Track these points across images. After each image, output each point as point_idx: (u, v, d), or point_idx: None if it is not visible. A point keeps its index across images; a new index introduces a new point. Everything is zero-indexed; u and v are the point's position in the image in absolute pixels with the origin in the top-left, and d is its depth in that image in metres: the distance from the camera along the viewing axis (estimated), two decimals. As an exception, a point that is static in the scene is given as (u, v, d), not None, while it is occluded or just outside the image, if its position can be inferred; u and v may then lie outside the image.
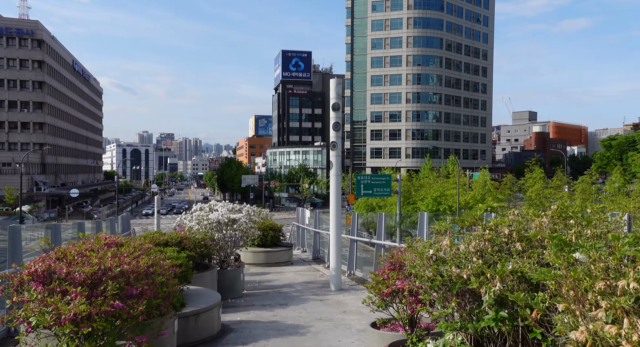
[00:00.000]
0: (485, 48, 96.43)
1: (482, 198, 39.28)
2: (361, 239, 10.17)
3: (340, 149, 8.25)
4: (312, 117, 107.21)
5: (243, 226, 7.96)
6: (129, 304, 2.87)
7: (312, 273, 10.70)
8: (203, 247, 7.04)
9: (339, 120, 8.18)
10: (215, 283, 7.10)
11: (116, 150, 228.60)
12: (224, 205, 8.40)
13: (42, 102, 76.92)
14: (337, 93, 8.11)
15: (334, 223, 8.13)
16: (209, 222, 7.68)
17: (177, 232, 7.29)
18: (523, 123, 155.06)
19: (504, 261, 2.20)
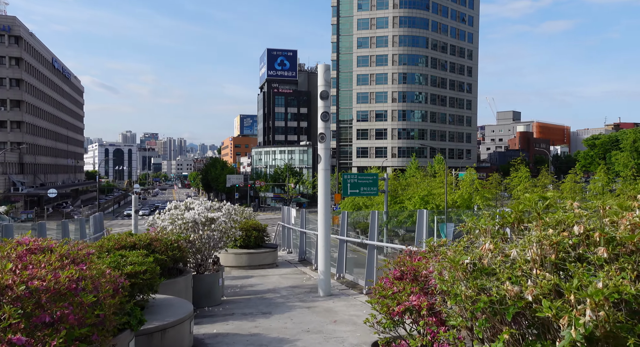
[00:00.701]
0: (471, 48, 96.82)
1: (470, 197, 38.99)
2: (351, 239, 9.48)
3: (330, 141, 7.54)
4: (298, 116, 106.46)
5: (222, 225, 7.19)
6: (38, 337, 2.04)
7: (298, 276, 9.96)
8: (176, 249, 6.25)
9: (328, 110, 7.47)
10: (189, 290, 6.32)
11: (98, 150, 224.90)
12: (201, 203, 7.62)
13: (19, 100, 74.83)
14: (325, 80, 7.41)
15: (323, 222, 7.41)
16: (184, 221, 6.90)
17: (147, 234, 6.50)
18: (507, 123, 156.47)
19: (585, 275, 1.48)
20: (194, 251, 7.19)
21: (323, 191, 7.54)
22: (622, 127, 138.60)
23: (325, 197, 7.57)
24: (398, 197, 44.28)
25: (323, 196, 7.55)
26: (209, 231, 7.03)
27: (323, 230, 7.58)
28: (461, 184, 41.77)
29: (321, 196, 7.57)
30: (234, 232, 7.74)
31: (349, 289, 8.19)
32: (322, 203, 7.57)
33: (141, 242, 6.11)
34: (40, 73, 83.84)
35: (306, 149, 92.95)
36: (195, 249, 7.15)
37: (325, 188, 7.56)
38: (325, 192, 7.56)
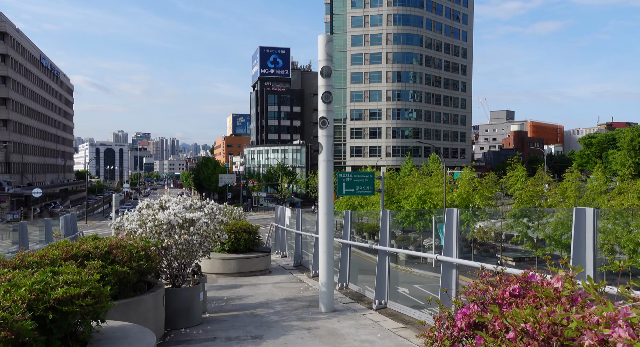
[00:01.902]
0: (465, 46, 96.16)
1: (468, 196, 37.94)
2: (357, 243, 8.23)
3: (332, 127, 6.31)
4: (291, 115, 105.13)
5: (203, 228, 5.92)
6: None
7: (294, 285, 8.69)
8: (143, 259, 4.97)
9: (330, 90, 6.23)
10: (160, 310, 5.06)
11: (89, 149, 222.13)
12: (179, 201, 6.35)
13: (6, 98, 72.88)
14: (327, 54, 6.17)
15: (325, 223, 6.18)
16: (156, 223, 5.63)
17: (106, 239, 5.22)
18: (501, 122, 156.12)
19: None
20: (169, 260, 5.91)
21: (325, 186, 6.31)
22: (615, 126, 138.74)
23: (327, 194, 6.34)
24: (394, 197, 43.17)
25: (325, 192, 6.32)
26: (186, 235, 5.76)
27: (325, 233, 6.34)
28: (459, 183, 40.77)
29: (323, 192, 6.34)
30: (219, 235, 6.47)
31: (354, 302, 6.95)
32: (324, 201, 6.33)
33: (98, 250, 4.82)
34: (28, 70, 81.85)
35: (299, 148, 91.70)
36: (170, 257, 5.87)
37: (327, 183, 6.34)
38: (327, 188, 6.34)
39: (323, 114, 6.28)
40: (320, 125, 6.33)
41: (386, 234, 6.43)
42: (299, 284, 8.89)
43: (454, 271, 4.68)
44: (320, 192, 6.41)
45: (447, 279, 4.72)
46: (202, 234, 5.93)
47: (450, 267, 4.73)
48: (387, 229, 6.43)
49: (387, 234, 6.41)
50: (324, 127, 6.30)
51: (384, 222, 6.51)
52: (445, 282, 4.69)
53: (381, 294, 6.40)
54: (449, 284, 4.61)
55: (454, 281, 4.64)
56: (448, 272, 4.72)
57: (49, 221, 8.98)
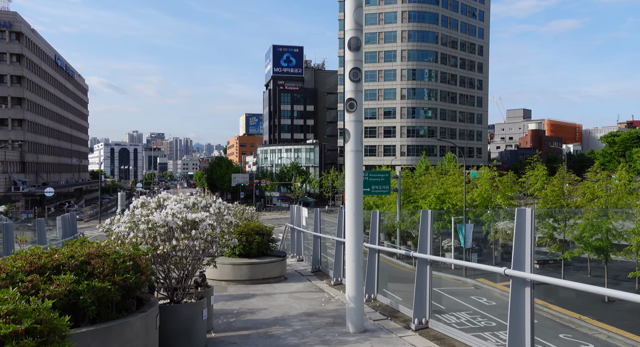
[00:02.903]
0: (481, 43, 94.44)
1: (489, 196, 36.55)
2: (389, 249, 7.13)
3: (362, 111, 5.22)
4: (304, 114, 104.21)
5: (208, 231, 4.89)
6: None
7: (314, 296, 7.63)
8: (130, 271, 3.95)
9: (360, 66, 5.17)
10: (152, 334, 4.03)
11: (104, 149, 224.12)
12: (179, 199, 5.34)
13: (21, 98, 73.20)
14: (356, 22, 5.10)
15: (353, 225, 5.09)
16: (150, 226, 4.62)
17: (89, 245, 4.22)
18: (517, 121, 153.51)
19: None
20: (165, 270, 4.90)
21: (353, 181, 5.23)
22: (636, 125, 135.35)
23: (355, 190, 5.27)
24: (411, 196, 41.93)
25: (353, 188, 5.24)
26: (187, 240, 4.73)
27: (354, 237, 5.26)
28: (479, 182, 39.43)
29: (351, 188, 5.27)
30: (227, 239, 5.44)
31: (386, 319, 5.86)
32: (353, 199, 5.25)
33: (72, 260, 3.81)
34: (43, 70, 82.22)
35: (313, 148, 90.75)
36: (167, 267, 4.85)
37: (356, 177, 5.27)
38: (355, 183, 5.27)
39: (351, 95, 5.22)
40: (348, 108, 5.27)
41: (427, 238, 5.33)
42: (319, 294, 7.83)
43: (529, 291, 3.50)
44: (348, 189, 5.35)
45: (518, 300, 3.54)
46: (207, 238, 4.90)
47: (522, 286, 3.54)
48: (428, 233, 5.34)
49: (427, 239, 5.32)
50: (352, 111, 5.24)
51: (424, 224, 5.40)
52: (516, 305, 3.52)
53: (421, 311, 5.31)
54: (521, 308, 3.47)
55: (528, 302, 3.49)
56: (519, 291, 3.56)
57: (42, 222, 8.03)
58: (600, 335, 16.57)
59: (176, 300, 4.99)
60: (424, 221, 5.43)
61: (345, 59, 5.32)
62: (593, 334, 17.22)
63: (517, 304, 3.58)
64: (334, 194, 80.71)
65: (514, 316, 3.55)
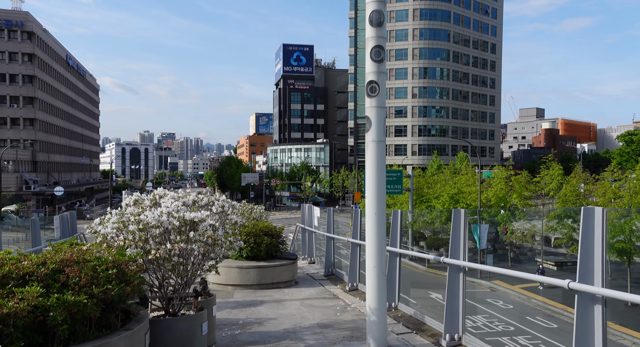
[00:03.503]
0: (494, 41, 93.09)
1: (505, 196, 35.61)
2: (414, 253, 6.43)
3: (384, 96, 4.52)
4: (315, 113, 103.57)
5: (209, 233, 4.24)
6: None
7: (328, 303, 6.95)
8: (112, 281, 3.30)
9: (383, 44, 4.46)
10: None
11: (115, 149, 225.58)
12: (177, 196, 4.71)
13: (32, 97, 73.51)
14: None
15: (375, 227, 4.45)
16: (142, 227, 3.98)
17: (68, 249, 3.59)
18: (530, 120, 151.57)
19: None
20: (159, 278, 4.25)
21: (375, 177, 4.53)
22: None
23: (377, 187, 4.57)
24: (424, 196, 41.10)
25: (375, 184, 4.54)
26: (183, 243, 4.08)
27: (375, 240, 4.56)
28: (493, 181, 38.53)
29: (372, 185, 4.57)
30: (232, 242, 4.78)
31: (411, 332, 5.16)
32: (374, 196, 4.55)
33: (43, 268, 3.18)
34: (54, 70, 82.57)
35: (323, 147, 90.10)
36: (161, 275, 4.21)
37: (378, 172, 4.58)
38: (377, 179, 4.57)
39: (372, 77, 4.53)
40: (369, 92, 4.59)
41: (460, 242, 4.62)
42: (333, 301, 7.15)
43: (599, 310, 2.76)
44: (369, 185, 4.66)
45: (586, 322, 2.80)
46: (207, 241, 4.25)
47: (591, 303, 2.82)
48: (461, 236, 4.63)
49: (461, 243, 4.61)
50: (374, 95, 4.55)
51: (456, 226, 4.68)
52: (583, 329, 2.78)
53: (454, 325, 4.61)
54: (590, 333, 2.73)
55: (600, 325, 2.76)
56: (588, 309, 2.85)
57: (36, 221, 7.42)
58: (624, 341, 15.72)
59: (172, 312, 4.34)
60: (456, 221, 4.72)
61: (366, 36, 4.63)
62: (617, 340, 16.38)
63: (585, 328, 2.84)
64: (344, 194, 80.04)
65: (581, 343, 2.82)
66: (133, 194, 4.75)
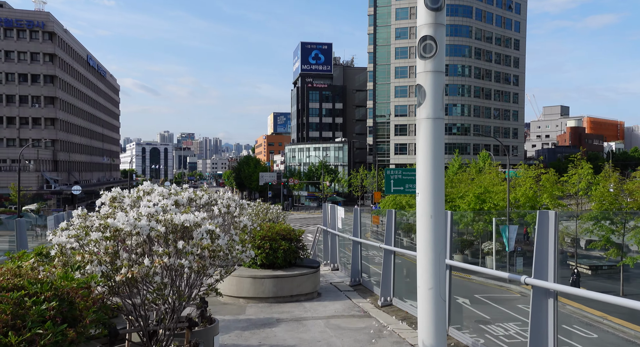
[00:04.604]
0: (517, 37, 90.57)
1: (535, 195, 33.88)
2: (480, 269, 5.13)
3: (443, 58, 3.32)
4: (333, 112, 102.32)
5: (205, 242, 3.06)
6: None
7: (360, 324, 5.73)
8: (50, 319, 2.14)
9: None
10: None
11: (136, 149, 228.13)
12: (168, 192, 3.57)
13: (53, 97, 74.05)
14: None
15: (429, 233, 3.16)
16: (108, 235, 2.81)
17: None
18: (554, 118, 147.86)
19: None
20: (137, 305, 3.09)
21: (430, 166, 3.31)
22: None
23: (433, 180, 3.35)
24: (448, 196, 39.61)
25: (430, 176, 3.33)
26: (167, 258, 2.92)
27: (431, 251, 3.33)
28: (521, 180, 36.86)
29: (425, 175, 3.35)
30: (240, 251, 3.61)
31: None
32: (428, 192, 3.33)
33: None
34: (75, 70, 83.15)
35: (341, 146, 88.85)
36: (140, 301, 3.06)
37: (434, 157, 3.35)
38: (434, 171, 3.35)
39: (428, 30, 3.31)
40: (422, 52, 3.38)
41: (549, 257, 3.31)
42: (364, 320, 5.93)
43: None
44: (421, 179, 3.46)
45: None
46: (202, 253, 3.08)
47: None
48: (550, 248, 3.33)
49: (551, 258, 3.31)
50: (429, 56, 3.34)
51: (543, 233, 3.36)
52: None
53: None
54: None
55: None
56: None
57: (22, 222, 6.45)
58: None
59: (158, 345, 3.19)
60: (543, 227, 3.43)
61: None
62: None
63: None
64: (363, 193, 78.73)
65: None
66: (112, 189, 3.61)
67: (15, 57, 72.27)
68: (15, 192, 60.43)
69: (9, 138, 72.44)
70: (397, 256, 6.73)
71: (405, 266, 7.50)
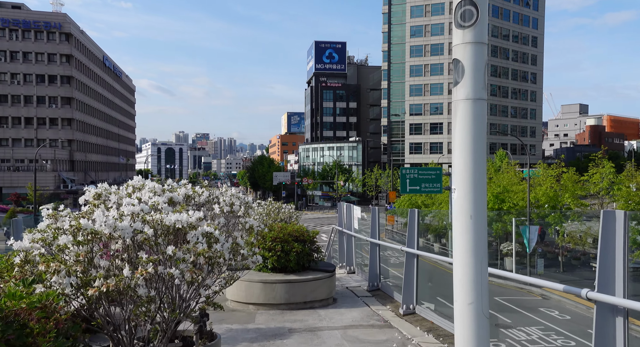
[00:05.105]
0: (535, 34, 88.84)
1: (556, 195, 32.84)
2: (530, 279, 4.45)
3: (485, 29, 2.79)
4: (347, 111, 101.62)
5: (201, 247, 2.54)
6: None
7: (381, 336, 5.17)
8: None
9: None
10: None
11: (151, 149, 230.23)
12: (162, 188, 3.06)
13: (70, 98, 74.77)
14: None
15: (469, 235, 2.54)
16: (80, 239, 2.30)
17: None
18: (573, 117, 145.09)
19: None
20: (117, 323, 2.58)
21: (470, 159, 2.74)
22: None
23: (474, 177, 2.79)
24: (465, 195, 38.79)
25: (470, 172, 2.75)
26: (152, 267, 2.40)
27: (471, 258, 2.76)
28: (541, 179, 35.83)
29: (465, 173, 2.77)
30: (246, 255, 3.09)
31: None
32: (468, 189, 2.75)
33: None
34: (91, 70, 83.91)
35: (356, 146, 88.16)
36: (124, 318, 2.54)
37: (475, 151, 2.79)
38: (474, 163, 2.79)
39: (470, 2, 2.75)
40: (460, 20, 2.81)
41: (616, 266, 2.71)
42: (386, 332, 5.37)
43: None
44: (459, 172, 2.90)
45: None
46: (197, 261, 2.55)
47: None
48: (619, 255, 2.75)
49: (619, 268, 2.69)
50: (469, 25, 2.77)
51: (608, 237, 2.73)
52: None
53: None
54: None
55: None
56: None
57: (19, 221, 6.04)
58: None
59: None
60: (608, 230, 2.83)
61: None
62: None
63: None
64: (377, 193, 77.97)
65: None
66: (99, 185, 3.11)
67: (33, 58, 73.13)
68: (32, 192, 61.05)
69: (27, 138, 73.32)
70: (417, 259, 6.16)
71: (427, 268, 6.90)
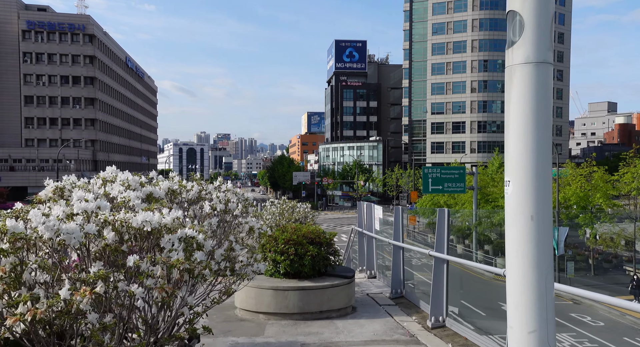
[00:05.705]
0: (562, 30, 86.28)
1: (586, 195, 31.45)
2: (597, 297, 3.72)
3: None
4: (367, 111, 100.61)
5: (176, 256, 1.91)
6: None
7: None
8: None
9: None
10: None
11: (173, 149, 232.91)
12: (139, 181, 2.45)
13: (93, 98, 75.80)
14: None
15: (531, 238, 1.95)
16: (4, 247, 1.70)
17: None
18: (601, 115, 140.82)
19: None
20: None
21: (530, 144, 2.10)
22: None
23: (536, 166, 2.14)
24: (490, 195, 37.50)
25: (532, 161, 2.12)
26: (102, 284, 1.78)
27: (534, 269, 2.13)
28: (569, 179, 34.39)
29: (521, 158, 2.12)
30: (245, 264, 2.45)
31: None
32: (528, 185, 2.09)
33: None
34: (114, 71, 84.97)
35: (376, 145, 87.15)
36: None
37: (537, 129, 2.16)
38: (536, 147, 2.16)
39: None
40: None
41: None
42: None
43: None
44: (511, 156, 2.24)
45: None
46: (171, 276, 1.93)
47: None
48: None
49: None
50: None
51: None
52: None
53: None
54: None
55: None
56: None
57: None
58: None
59: None
60: None
61: None
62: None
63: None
64: (398, 193, 76.85)
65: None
66: (65, 177, 2.51)
67: (58, 59, 74.37)
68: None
69: (52, 139, 74.61)
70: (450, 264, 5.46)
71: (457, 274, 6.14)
